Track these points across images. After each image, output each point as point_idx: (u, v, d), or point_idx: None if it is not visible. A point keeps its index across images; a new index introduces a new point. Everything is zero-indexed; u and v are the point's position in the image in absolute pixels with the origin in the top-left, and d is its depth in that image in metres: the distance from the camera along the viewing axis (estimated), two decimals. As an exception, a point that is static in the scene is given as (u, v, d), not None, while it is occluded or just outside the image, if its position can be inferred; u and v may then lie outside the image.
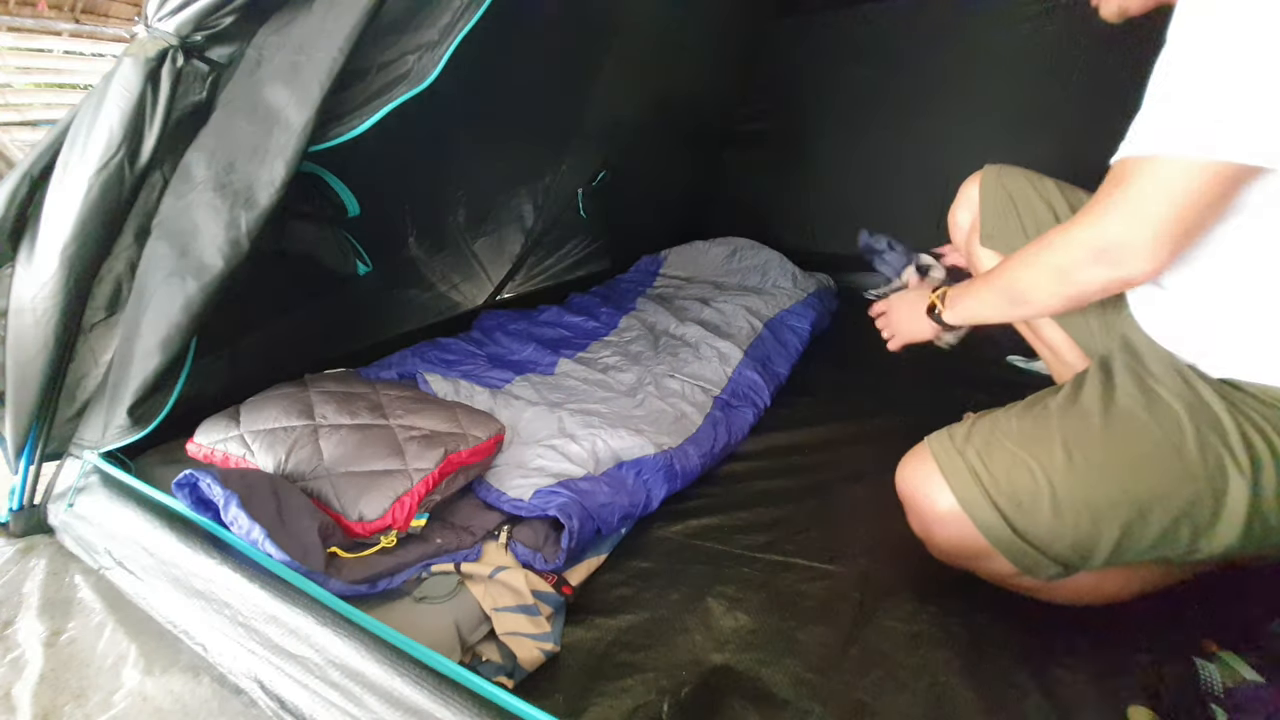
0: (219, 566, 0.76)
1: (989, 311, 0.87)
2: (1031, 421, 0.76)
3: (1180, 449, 0.68)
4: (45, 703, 0.73)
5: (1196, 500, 0.68)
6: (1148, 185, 0.63)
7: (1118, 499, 0.70)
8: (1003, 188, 1.05)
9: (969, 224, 1.11)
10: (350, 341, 1.47)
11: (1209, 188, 0.60)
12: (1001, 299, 0.83)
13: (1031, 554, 0.73)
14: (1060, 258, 0.71)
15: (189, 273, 0.81)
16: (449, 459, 0.93)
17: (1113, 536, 0.70)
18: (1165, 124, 0.62)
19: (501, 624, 0.79)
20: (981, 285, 0.88)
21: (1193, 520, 0.68)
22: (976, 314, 0.90)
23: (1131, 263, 0.65)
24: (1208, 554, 0.70)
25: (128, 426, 0.89)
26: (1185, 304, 0.73)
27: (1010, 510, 0.72)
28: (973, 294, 0.90)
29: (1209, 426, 0.68)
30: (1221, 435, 0.68)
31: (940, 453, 0.78)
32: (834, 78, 2.22)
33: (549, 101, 1.72)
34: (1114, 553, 0.71)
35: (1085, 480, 0.71)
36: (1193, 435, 0.68)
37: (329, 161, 1.15)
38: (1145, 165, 0.63)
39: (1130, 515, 0.69)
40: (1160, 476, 0.69)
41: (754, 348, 1.62)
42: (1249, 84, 0.57)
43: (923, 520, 0.81)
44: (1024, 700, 0.75)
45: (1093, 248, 0.67)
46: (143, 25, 0.80)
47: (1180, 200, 0.61)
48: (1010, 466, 0.73)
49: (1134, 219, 0.64)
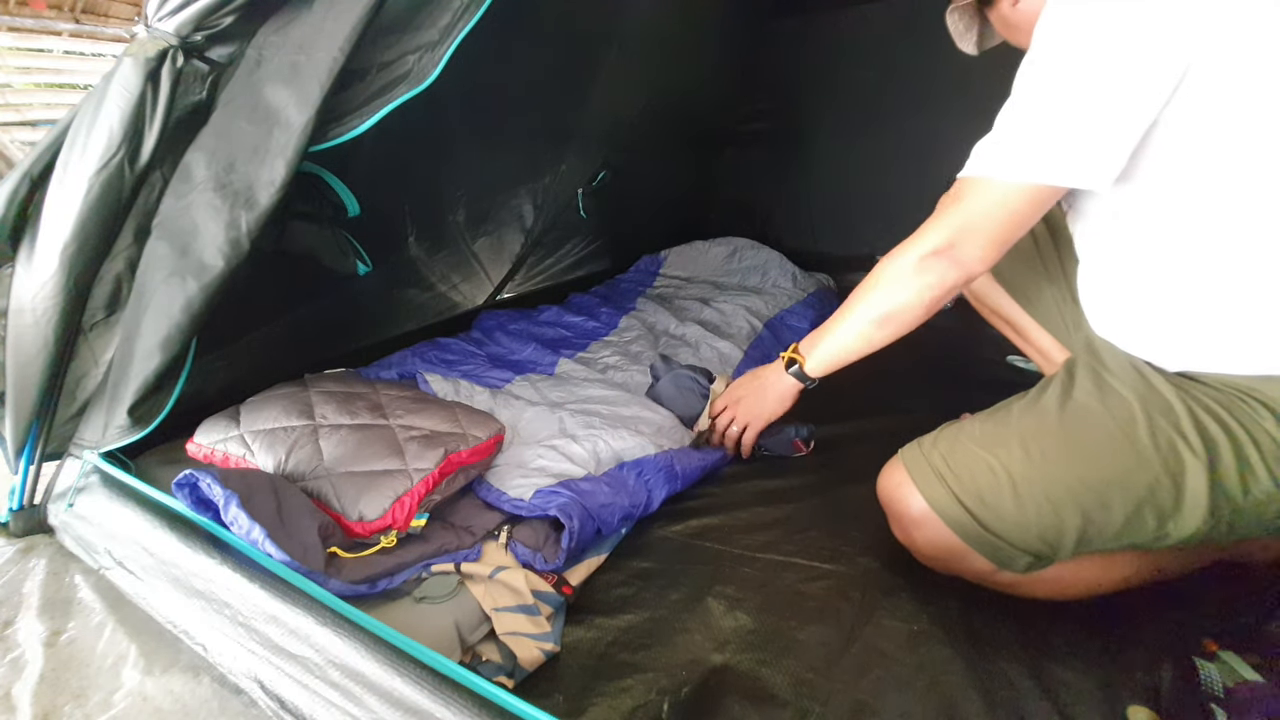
0: (219, 566, 0.76)
1: (855, 344, 0.92)
2: (994, 423, 0.81)
3: (1132, 436, 0.72)
4: (45, 703, 0.73)
5: (1155, 485, 0.70)
6: (976, 204, 0.77)
7: (1075, 487, 0.73)
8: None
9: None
10: (350, 341, 1.47)
11: (1026, 206, 0.74)
12: (866, 325, 0.89)
13: (1002, 547, 0.75)
14: (910, 262, 0.82)
15: (189, 273, 0.81)
16: (449, 459, 0.93)
17: (1075, 524, 0.73)
18: (995, 150, 0.74)
19: (501, 624, 0.79)
20: (836, 323, 0.94)
21: (1156, 505, 0.71)
22: (840, 353, 0.95)
23: (966, 264, 0.79)
24: (1179, 538, 0.72)
25: (128, 426, 0.89)
26: (1135, 307, 0.78)
27: (975, 506, 0.76)
28: (830, 335, 0.95)
29: (1160, 413, 0.72)
30: (1173, 420, 0.71)
31: (909, 460, 0.83)
32: (834, 78, 2.22)
33: (549, 101, 1.72)
34: (1081, 540, 0.74)
35: (1042, 472, 0.74)
36: (1144, 422, 0.72)
37: (329, 161, 1.15)
38: (978, 185, 0.76)
39: (1089, 503, 0.72)
40: (1114, 463, 0.72)
41: (754, 348, 1.62)
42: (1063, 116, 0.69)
43: (901, 525, 0.84)
44: (1024, 700, 0.75)
45: (936, 249, 0.80)
46: (143, 25, 0.81)
47: (1001, 215, 0.75)
48: (972, 465, 0.77)
49: (968, 230, 0.77)
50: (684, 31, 1.91)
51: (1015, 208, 0.74)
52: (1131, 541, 0.74)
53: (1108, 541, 0.74)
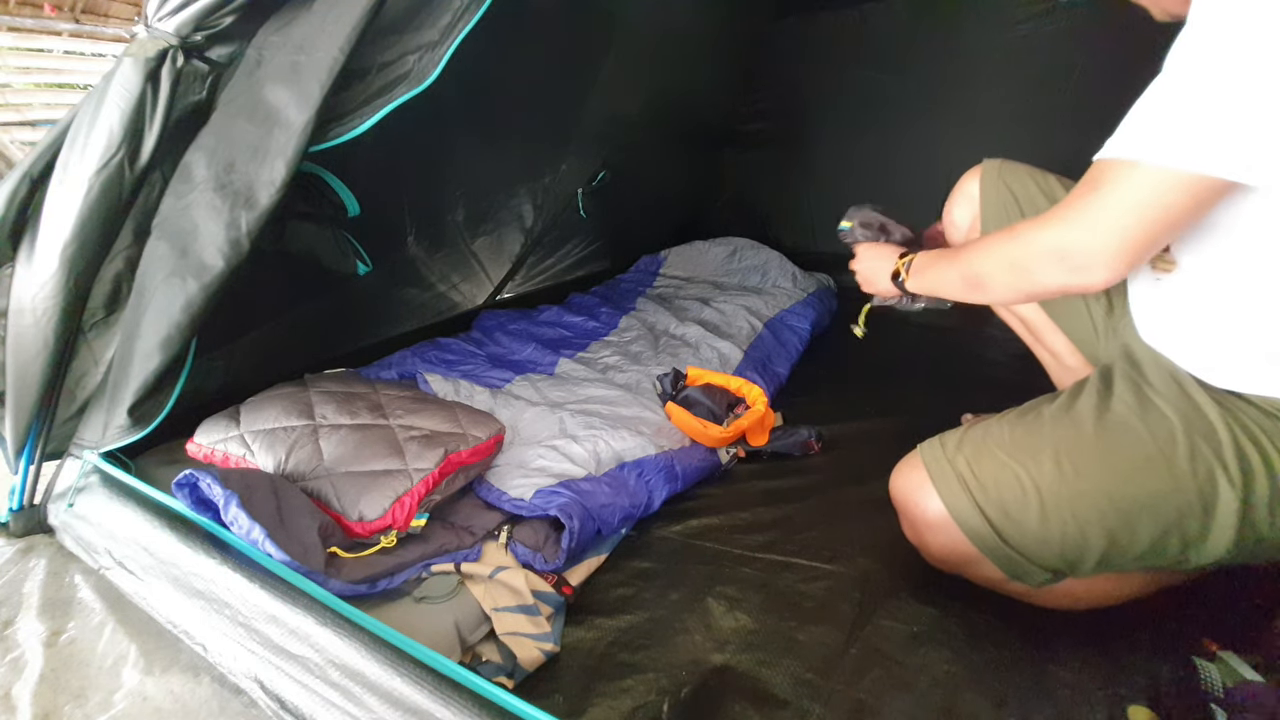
0: (219, 566, 0.76)
1: (948, 289, 0.87)
2: (1024, 430, 0.76)
3: (1171, 460, 0.68)
4: (45, 703, 0.73)
5: (1185, 512, 0.67)
6: (1121, 193, 0.61)
7: (1105, 509, 0.69)
8: (1004, 183, 1.02)
9: (968, 220, 1.08)
10: (350, 341, 1.47)
11: (1183, 201, 0.59)
12: (960, 280, 0.82)
13: (1020, 561, 0.73)
14: (1021, 252, 0.70)
15: (189, 273, 0.81)
16: (449, 459, 0.93)
17: (1099, 546, 0.70)
18: (1149, 129, 0.60)
19: (501, 624, 0.79)
20: (945, 261, 0.87)
21: (1182, 531, 0.68)
22: (936, 288, 0.89)
23: (1090, 271, 0.64)
24: (1198, 564, 0.70)
25: (128, 426, 0.89)
26: (1190, 317, 0.73)
27: (998, 518, 0.72)
28: (935, 268, 0.89)
29: (1202, 437, 0.68)
30: (1215, 446, 0.67)
31: (931, 461, 0.79)
32: (834, 78, 2.22)
33: (549, 101, 1.72)
34: (1102, 561, 0.71)
35: (1073, 489, 0.70)
36: (1185, 446, 0.67)
37: (329, 161, 1.15)
38: (1122, 171, 0.61)
39: (1116, 524, 0.69)
40: (1148, 487, 0.68)
41: (754, 348, 1.62)
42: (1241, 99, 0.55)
43: (914, 527, 0.82)
44: (1024, 700, 0.74)
45: (1054, 249, 0.66)
46: (143, 25, 0.81)
47: (1151, 213, 0.60)
48: (998, 475, 0.73)
49: (1101, 227, 0.62)
50: (684, 31, 1.91)
51: (1171, 202, 0.59)
52: (1151, 564, 0.72)
53: (1128, 563, 0.71)
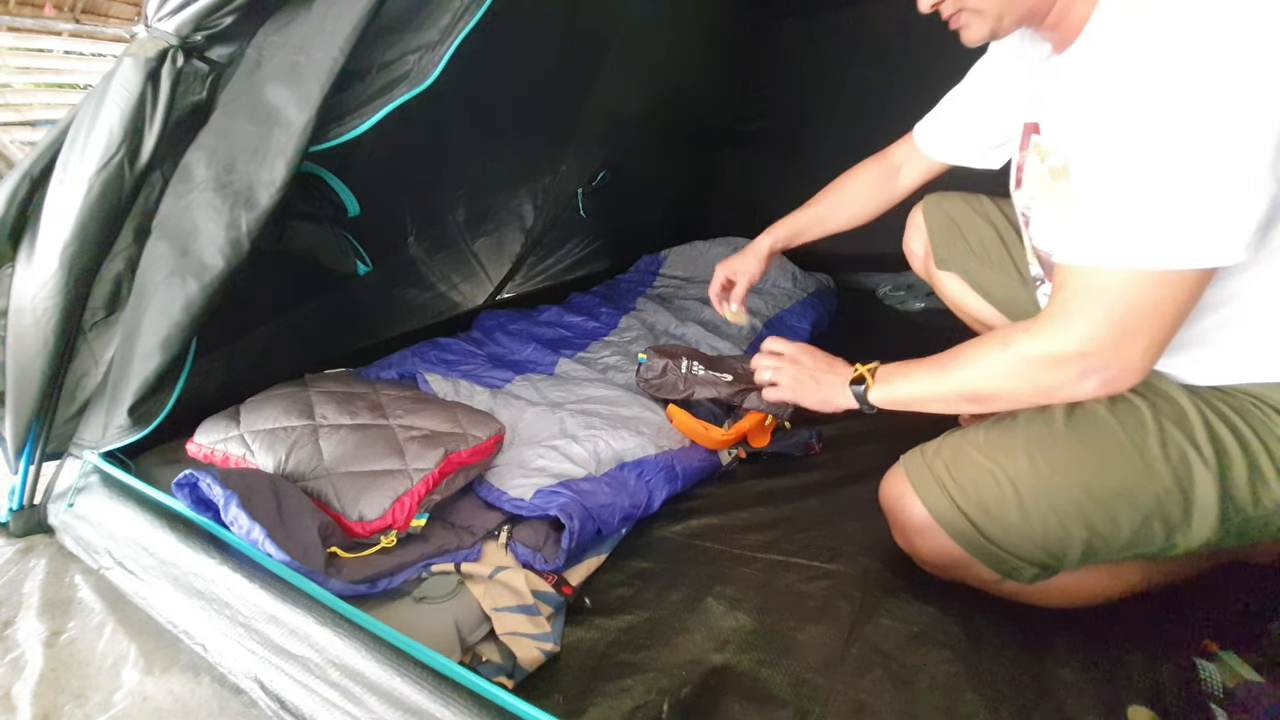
0: (219, 566, 0.76)
1: (934, 404, 0.80)
2: (999, 431, 0.78)
3: (1142, 446, 0.69)
4: (45, 703, 0.73)
5: (1164, 498, 0.68)
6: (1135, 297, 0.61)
7: (1081, 499, 0.71)
8: (945, 213, 1.11)
9: (923, 250, 1.19)
10: (350, 341, 1.47)
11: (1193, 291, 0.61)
12: (955, 396, 0.77)
13: (1005, 558, 0.74)
14: (1031, 360, 0.69)
15: (189, 273, 0.81)
16: (449, 459, 0.93)
17: (1081, 536, 0.71)
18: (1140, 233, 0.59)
19: (501, 624, 0.79)
20: (927, 375, 0.80)
21: (1164, 517, 0.69)
22: (915, 405, 0.82)
23: (1124, 378, 0.66)
24: (1186, 549, 0.70)
25: (128, 426, 0.89)
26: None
27: (979, 517, 0.74)
28: (913, 380, 0.81)
29: (1173, 421, 0.69)
30: (1186, 429, 0.68)
31: (911, 468, 0.81)
32: (834, 78, 2.22)
33: (549, 101, 1.72)
34: (1086, 553, 0.72)
35: (1048, 483, 0.72)
36: (1155, 433, 0.69)
37: (329, 161, 1.15)
38: (1127, 281, 0.61)
39: (1095, 514, 0.70)
40: (1122, 474, 0.70)
41: (753, 348, 1.61)
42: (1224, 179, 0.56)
43: (903, 533, 0.83)
44: (1024, 700, 0.74)
45: (1082, 369, 0.66)
46: (143, 25, 0.81)
47: (1173, 310, 0.62)
48: (976, 475, 0.75)
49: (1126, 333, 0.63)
50: (684, 31, 1.91)
51: (1184, 298, 0.61)
52: (1139, 552, 0.72)
53: (1114, 553, 0.72)
